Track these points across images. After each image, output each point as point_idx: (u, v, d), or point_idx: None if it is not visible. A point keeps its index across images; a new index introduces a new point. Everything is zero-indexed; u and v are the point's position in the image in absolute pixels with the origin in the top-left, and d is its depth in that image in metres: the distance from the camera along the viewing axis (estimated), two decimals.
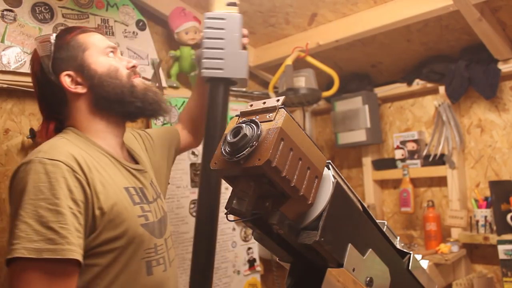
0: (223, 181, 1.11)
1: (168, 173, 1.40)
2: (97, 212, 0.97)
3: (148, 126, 2.07)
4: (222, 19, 1.33)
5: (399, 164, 2.36)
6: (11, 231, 0.88)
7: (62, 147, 0.99)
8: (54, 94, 1.12)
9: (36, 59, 1.14)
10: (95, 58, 1.12)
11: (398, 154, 2.36)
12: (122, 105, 1.12)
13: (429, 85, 2.24)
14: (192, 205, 2.16)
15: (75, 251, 0.89)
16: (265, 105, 0.65)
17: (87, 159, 1.01)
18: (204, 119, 1.38)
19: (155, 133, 1.43)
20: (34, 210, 0.88)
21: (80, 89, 1.10)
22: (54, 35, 1.13)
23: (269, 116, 0.63)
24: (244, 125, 0.62)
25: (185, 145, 1.53)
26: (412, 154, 2.32)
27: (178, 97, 2.14)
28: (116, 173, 1.08)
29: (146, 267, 1.05)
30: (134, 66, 1.17)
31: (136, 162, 1.22)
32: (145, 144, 1.36)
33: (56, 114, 1.14)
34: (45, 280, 0.86)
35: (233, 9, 1.36)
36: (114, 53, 1.17)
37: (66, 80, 1.10)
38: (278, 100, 0.64)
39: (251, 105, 0.67)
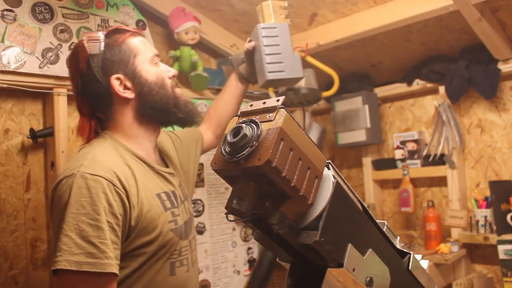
0: (223, 181, 1.14)
1: (194, 176, 1.41)
2: (133, 222, 1.01)
3: None
4: (275, 28, 1.46)
5: (399, 164, 2.36)
6: (55, 243, 0.94)
7: (103, 162, 1.02)
8: (100, 94, 1.12)
9: (83, 56, 1.12)
10: (146, 66, 1.14)
11: (398, 154, 2.36)
12: (166, 114, 1.15)
13: (429, 85, 2.24)
14: (192, 205, 2.16)
15: (113, 265, 0.94)
16: (265, 105, 0.65)
17: (126, 171, 1.04)
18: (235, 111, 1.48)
19: (182, 135, 1.44)
20: (76, 224, 0.92)
21: (129, 94, 1.12)
22: (101, 33, 1.13)
23: (269, 116, 0.63)
24: (244, 125, 0.62)
25: (208, 146, 1.54)
26: (412, 154, 2.32)
27: None
28: (150, 180, 1.10)
29: (170, 268, 1.09)
30: (174, 75, 1.21)
31: (167, 165, 1.26)
32: (175, 146, 1.38)
33: (99, 113, 1.15)
34: None
35: (281, 19, 1.51)
36: (159, 63, 1.20)
37: (115, 83, 1.11)
38: (278, 100, 0.64)
39: (251, 105, 0.67)
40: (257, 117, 0.64)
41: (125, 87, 1.12)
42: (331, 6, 2.06)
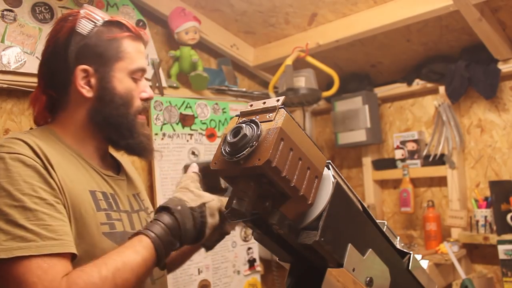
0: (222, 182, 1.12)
1: None
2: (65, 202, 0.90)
3: (148, 125, 2.07)
4: None
5: (399, 164, 2.36)
6: None
7: (24, 139, 0.91)
8: (61, 75, 1.01)
9: (68, 27, 1.00)
10: (122, 75, 1.01)
11: (398, 154, 2.36)
12: (116, 133, 1.03)
13: (429, 85, 2.24)
14: None
15: (55, 245, 0.82)
16: (265, 105, 0.65)
17: (46, 150, 0.92)
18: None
19: None
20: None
21: (86, 92, 1.00)
22: (101, 17, 1.02)
23: (269, 116, 0.63)
24: (244, 125, 0.62)
25: None
26: (412, 154, 2.32)
27: (178, 97, 2.14)
28: (84, 174, 0.98)
29: None
30: (148, 99, 1.07)
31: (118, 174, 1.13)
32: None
33: (53, 92, 1.03)
34: (23, 277, 0.80)
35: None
36: (140, 79, 1.07)
37: (79, 73, 0.99)
38: (278, 100, 0.64)
39: (251, 105, 0.67)
40: (257, 117, 0.64)
41: (88, 83, 1.00)
42: (331, 6, 2.06)
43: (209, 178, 1.09)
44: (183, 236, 0.92)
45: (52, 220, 0.84)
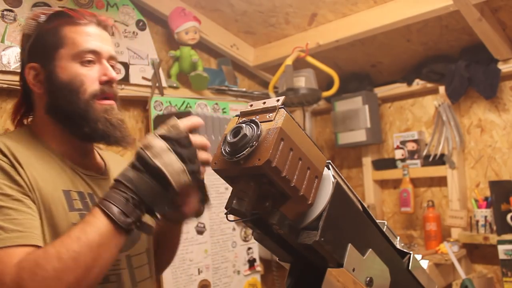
0: (223, 182, 1.10)
1: None
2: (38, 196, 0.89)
3: (148, 125, 2.08)
4: None
5: (399, 164, 2.36)
6: None
7: None
8: (22, 76, 1.02)
9: (22, 32, 1.02)
10: (65, 62, 0.97)
11: (398, 154, 2.36)
12: (73, 124, 0.98)
13: (429, 85, 2.24)
14: None
15: (19, 237, 0.80)
16: (265, 105, 0.65)
17: (16, 150, 0.91)
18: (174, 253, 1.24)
19: None
20: None
21: (37, 88, 0.98)
22: (45, 15, 0.99)
23: (269, 116, 0.63)
24: (244, 125, 0.62)
25: None
26: (412, 154, 2.32)
27: (178, 97, 2.14)
28: (60, 174, 0.95)
29: None
30: (109, 81, 0.99)
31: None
32: None
33: (26, 100, 1.04)
34: None
35: None
36: (96, 60, 0.99)
37: (30, 72, 0.98)
38: (278, 100, 0.64)
39: (251, 105, 0.67)
40: (257, 117, 0.64)
41: (38, 80, 0.98)
42: (331, 6, 2.06)
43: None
44: (137, 189, 0.81)
45: (18, 214, 0.83)
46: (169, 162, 0.81)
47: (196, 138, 0.86)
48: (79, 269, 0.76)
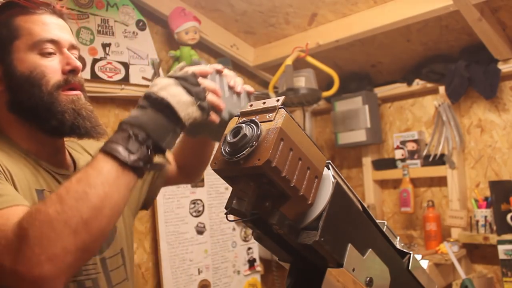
0: (223, 182, 1.08)
1: (139, 199, 1.17)
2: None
3: None
4: None
5: (399, 164, 2.36)
6: None
7: None
8: None
9: None
10: (22, 54, 0.90)
11: (398, 154, 2.36)
12: (37, 119, 0.92)
13: (429, 85, 2.24)
14: (192, 205, 2.16)
15: (10, 200, 0.75)
16: (265, 105, 0.65)
17: None
18: (203, 162, 1.21)
19: None
20: None
21: None
22: None
23: (269, 116, 0.63)
24: (244, 125, 0.62)
25: (172, 178, 1.27)
26: (412, 154, 2.32)
27: None
28: (33, 173, 0.90)
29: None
30: (74, 70, 0.93)
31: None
32: None
33: None
34: None
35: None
36: (57, 50, 0.93)
37: None
38: (278, 100, 0.64)
39: (251, 105, 0.67)
40: (257, 117, 0.64)
41: None
42: (331, 6, 2.06)
43: None
44: (142, 124, 0.74)
45: (5, 186, 0.79)
46: (175, 93, 0.77)
47: (205, 81, 0.83)
48: (86, 209, 0.68)
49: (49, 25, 0.92)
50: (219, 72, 0.90)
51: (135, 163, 0.73)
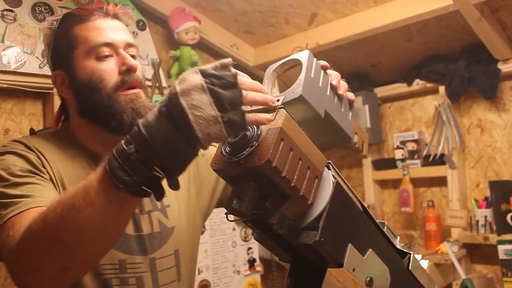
0: None
1: (212, 197, 1.13)
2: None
3: None
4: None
5: (399, 164, 2.36)
6: None
7: (17, 141, 0.93)
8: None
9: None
10: (82, 61, 0.95)
11: (398, 154, 2.36)
12: (100, 122, 0.95)
13: (429, 85, 2.24)
14: None
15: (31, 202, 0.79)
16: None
17: (43, 147, 0.92)
18: None
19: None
20: None
21: (66, 94, 0.99)
22: (56, 22, 0.98)
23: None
24: None
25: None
26: (412, 154, 2.32)
27: None
28: (89, 174, 0.91)
29: (103, 285, 0.90)
30: (129, 69, 0.94)
31: None
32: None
33: (64, 107, 1.05)
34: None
35: None
36: (113, 52, 0.95)
37: (57, 80, 0.99)
38: (278, 100, 0.64)
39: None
40: None
41: (65, 86, 0.98)
42: (331, 6, 2.06)
43: None
44: (151, 137, 0.61)
45: (39, 186, 0.84)
46: (198, 104, 0.60)
47: (247, 80, 0.65)
48: (63, 230, 0.65)
49: (103, 29, 0.95)
50: (324, 68, 0.81)
51: (131, 187, 0.62)
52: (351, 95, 0.87)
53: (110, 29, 0.96)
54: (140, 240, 0.95)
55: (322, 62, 0.82)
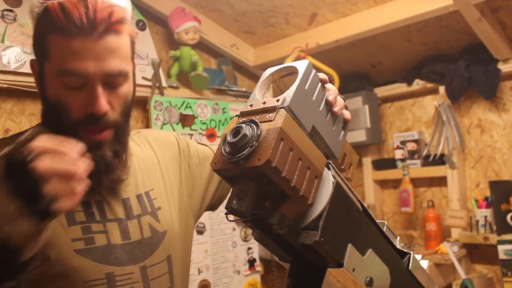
0: None
1: (203, 200, 1.08)
2: None
3: (148, 126, 2.08)
4: None
5: (399, 164, 2.36)
6: None
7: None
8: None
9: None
10: (50, 78, 0.80)
11: (398, 154, 2.36)
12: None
13: (429, 85, 2.24)
14: None
15: None
16: (265, 105, 0.65)
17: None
18: None
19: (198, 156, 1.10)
20: None
21: (37, 88, 0.85)
22: (39, 11, 0.80)
23: (269, 116, 0.63)
24: (244, 125, 0.62)
25: None
26: (412, 154, 2.32)
27: (178, 97, 2.14)
28: None
29: None
30: (92, 115, 0.78)
31: None
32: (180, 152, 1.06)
33: None
34: None
35: None
36: (86, 83, 0.78)
37: (34, 68, 0.85)
38: (278, 100, 0.64)
39: (251, 105, 0.67)
40: (257, 117, 0.64)
41: (38, 83, 0.85)
42: (331, 6, 2.06)
43: None
44: None
45: None
46: None
47: (42, 143, 0.60)
48: None
49: (81, 54, 0.76)
50: (323, 81, 0.77)
51: None
52: (347, 114, 0.80)
53: (91, 56, 0.76)
54: (129, 248, 0.87)
55: (322, 76, 0.78)
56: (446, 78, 2.12)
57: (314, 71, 0.75)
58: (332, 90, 0.79)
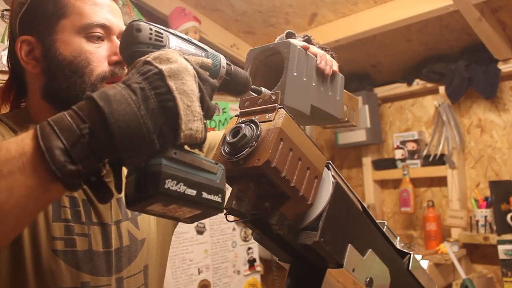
0: None
1: None
2: None
3: None
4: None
5: (399, 164, 2.36)
6: None
7: None
8: (11, 52, 0.84)
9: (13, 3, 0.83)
10: (68, 35, 0.78)
11: (398, 154, 2.36)
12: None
13: (429, 85, 2.24)
14: None
15: None
16: (265, 105, 0.65)
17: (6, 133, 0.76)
18: None
19: None
20: None
21: (31, 67, 0.80)
22: None
23: (268, 116, 0.63)
24: (243, 125, 0.62)
25: None
26: (412, 154, 2.32)
27: None
28: None
29: None
30: (120, 62, 0.79)
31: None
32: None
33: (17, 80, 0.86)
34: None
35: None
36: (105, 37, 0.80)
37: (23, 47, 0.79)
38: (272, 98, 0.64)
39: (247, 102, 0.67)
40: (257, 117, 0.64)
41: (33, 57, 0.79)
42: (331, 6, 2.05)
43: None
44: (114, 117, 0.47)
45: None
46: (189, 92, 0.50)
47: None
48: None
49: (101, 7, 0.80)
50: (306, 50, 0.74)
51: (69, 179, 0.47)
52: (335, 66, 0.79)
53: (108, 9, 0.81)
54: (108, 257, 0.80)
55: (301, 44, 0.75)
56: (446, 78, 2.12)
57: (297, 48, 0.74)
58: (320, 56, 0.78)
